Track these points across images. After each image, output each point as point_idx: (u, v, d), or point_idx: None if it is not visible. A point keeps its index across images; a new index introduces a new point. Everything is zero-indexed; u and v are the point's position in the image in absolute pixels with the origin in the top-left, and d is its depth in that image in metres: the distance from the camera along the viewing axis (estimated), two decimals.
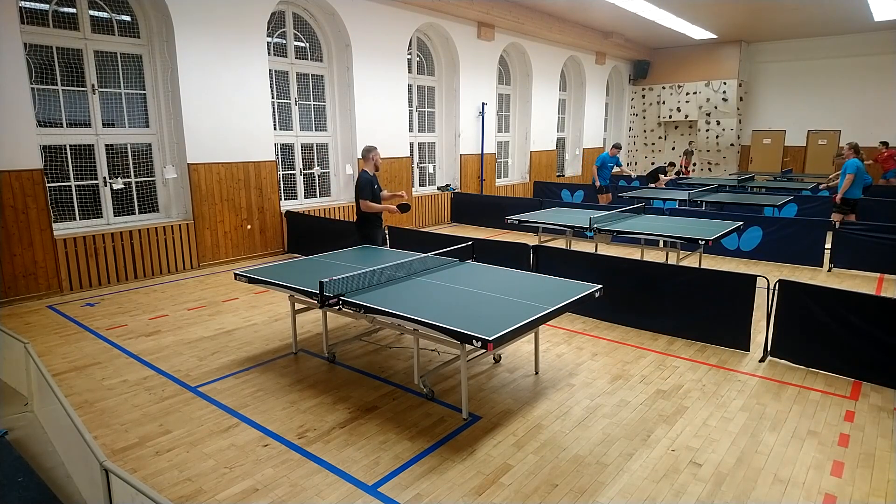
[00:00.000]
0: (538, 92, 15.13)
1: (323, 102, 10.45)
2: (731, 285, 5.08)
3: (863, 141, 16.57)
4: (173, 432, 3.79)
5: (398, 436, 3.70)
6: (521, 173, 15.60)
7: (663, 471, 3.32)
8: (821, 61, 16.94)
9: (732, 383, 4.49)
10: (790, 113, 17.82)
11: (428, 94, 12.72)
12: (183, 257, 8.26)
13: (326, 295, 4.15)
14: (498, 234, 11.00)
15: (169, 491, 3.15)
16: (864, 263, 7.93)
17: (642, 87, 19.89)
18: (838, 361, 4.58)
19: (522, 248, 6.55)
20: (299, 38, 9.93)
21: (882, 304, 4.47)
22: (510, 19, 12.46)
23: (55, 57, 7.17)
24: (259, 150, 8.94)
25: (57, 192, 7.37)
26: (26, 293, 6.80)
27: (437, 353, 5.01)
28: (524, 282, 4.62)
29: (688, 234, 6.58)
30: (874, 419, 3.92)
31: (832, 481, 3.23)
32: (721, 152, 18.74)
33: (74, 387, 4.49)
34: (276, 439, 3.68)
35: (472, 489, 3.15)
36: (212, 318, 6.19)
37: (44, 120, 7.15)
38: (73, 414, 2.81)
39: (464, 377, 3.90)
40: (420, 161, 12.80)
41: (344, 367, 4.83)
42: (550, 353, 5.10)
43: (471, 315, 3.76)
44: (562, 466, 3.36)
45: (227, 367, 4.84)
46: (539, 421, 3.89)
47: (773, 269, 8.09)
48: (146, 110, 8.11)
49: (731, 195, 11.22)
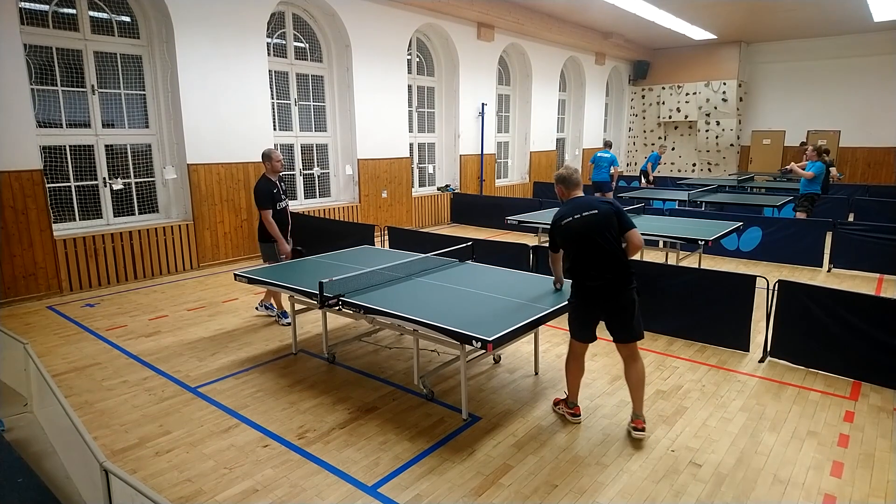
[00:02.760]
0: (538, 92, 15.14)
1: (323, 103, 10.46)
2: (731, 286, 5.08)
3: (863, 141, 16.66)
4: (173, 433, 3.79)
5: (398, 436, 3.70)
6: (520, 174, 15.60)
7: (663, 471, 3.32)
8: (820, 62, 16.94)
9: (732, 384, 4.49)
10: (790, 113, 17.82)
11: (428, 95, 12.73)
12: (183, 258, 8.26)
13: (326, 295, 4.15)
14: (498, 234, 11.00)
15: (169, 491, 3.15)
16: (864, 264, 7.93)
17: (642, 88, 19.89)
18: (838, 362, 4.58)
19: (522, 249, 6.56)
20: (299, 39, 9.94)
21: (882, 304, 4.48)
22: (510, 20, 12.47)
23: (55, 57, 7.17)
24: (259, 150, 8.85)
25: (57, 192, 7.37)
26: (26, 294, 6.80)
27: (437, 353, 5.01)
28: (524, 282, 4.62)
29: (687, 235, 6.59)
30: (874, 419, 3.92)
31: (832, 482, 3.23)
32: (721, 153, 18.75)
33: (74, 387, 4.49)
34: (276, 440, 3.68)
35: (471, 490, 3.15)
36: (212, 318, 6.19)
37: (43, 120, 7.15)
38: (73, 414, 2.81)
39: (463, 378, 3.90)
40: (420, 161, 12.81)
41: (344, 367, 4.83)
42: (550, 354, 5.10)
43: (470, 316, 3.77)
44: (561, 467, 3.36)
45: (227, 368, 4.84)
46: (539, 421, 3.89)
47: (772, 270, 8.09)
48: (146, 111, 8.11)
49: (731, 195, 11.24)
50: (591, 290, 3.58)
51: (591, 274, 3.54)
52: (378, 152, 10.99)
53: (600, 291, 3.56)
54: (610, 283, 3.53)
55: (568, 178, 3.78)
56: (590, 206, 3.61)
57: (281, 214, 5.80)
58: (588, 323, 3.71)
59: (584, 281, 3.58)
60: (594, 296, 3.59)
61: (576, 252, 3.61)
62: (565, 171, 3.80)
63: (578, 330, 3.76)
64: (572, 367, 3.86)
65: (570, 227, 3.60)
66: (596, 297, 3.60)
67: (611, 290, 3.55)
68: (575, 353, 3.84)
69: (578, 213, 3.59)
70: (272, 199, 5.66)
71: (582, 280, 3.60)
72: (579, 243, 3.58)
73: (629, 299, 3.56)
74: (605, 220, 3.55)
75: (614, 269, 3.53)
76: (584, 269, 3.58)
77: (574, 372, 3.86)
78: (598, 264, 3.53)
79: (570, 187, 3.78)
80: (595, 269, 3.53)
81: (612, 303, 3.58)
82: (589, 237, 3.54)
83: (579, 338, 3.77)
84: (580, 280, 3.62)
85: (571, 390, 3.91)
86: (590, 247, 3.54)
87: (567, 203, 3.72)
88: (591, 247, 3.54)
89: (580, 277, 3.61)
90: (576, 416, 3.90)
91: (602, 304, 3.61)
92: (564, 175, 3.81)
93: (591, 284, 3.55)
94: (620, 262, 3.54)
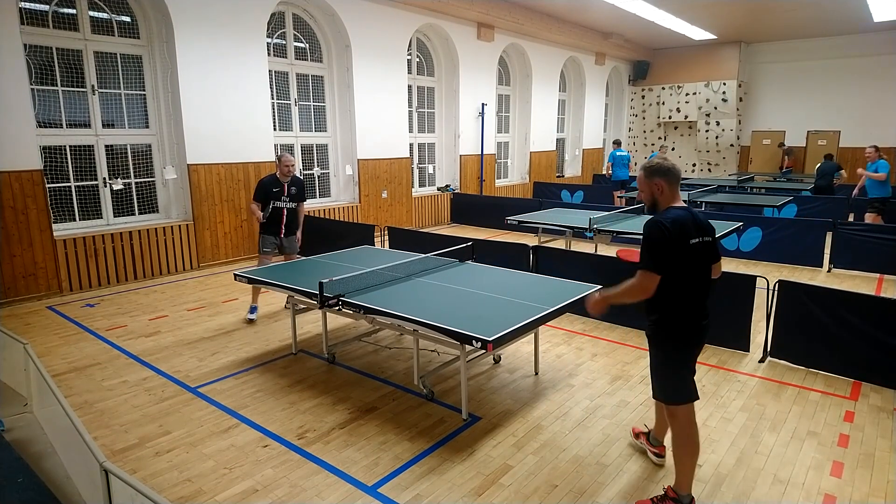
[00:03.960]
0: (538, 92, 15.14)
1: (323, 103, 10.46)
2: (731, 286, 5.07)
3: (863, 141, 16.64)
4: (173, 433, 3.79)
5: (398, 436, 3.70)
6: (520, 174, 15.60)
7: (663, 471, 3.31)
8: (820, 62, 16.94)
9: (732, 384, 4.49)
10: (790, 113, 17.82)
11: (428, 95, 12.73)
12: (183, 258, 8.26)
13: (326, 295, 4.15)
14: (498, 234, 11.00)
15: (169, 492, 3.15)
16: (864, 264, 7.93)
17: (642, 88, 19.89)
18: (838, 362, 4.58)
19: (522, 249, 6.55)
20: (299, 39, 9.94)
21: (882, 304, 4.48)
22: (510, 20, 12.47)
23: (55, 58, 7.17)
24: (259, 150, 8.94)
25: (57, 192, 7.37)
26: (26, 294, 6.80)
27: (437, 353, 5.01)
28: (524, 282, 4.62)
29: None
30: (874, 419, 3.92)
31: (832, 482, 3.23)
32: (721, 153, 18.75)
33: (74, 387, 4.49)
34: (276, 440, 3.68)
35: (471, 490, 3.15)
36: (211, 318, 6.19)
37: (44, 120, 7.15)
38: (73, 414, 2.81)
39: (463, 378, 3.90)
40: (420, 162, 12.81)
41: (344, 367, 4.83)
42: (550, 354, 5.10)
43: (470, 316, 3.77)
44: (561, 467, 3.36)
45: (227, 368, 4.84)
46: (539, 421, 3.89)
47: (772, 270, 8.09)
48: (146, 111, 8.11)
49: (731, 195, 11.24)
50: (703, 330, 2.87)
51: (704, 312, 2.86)
52: (378, 152, 10.99)
53: (707, 331, 2.90)
54: (708, 321, 2.92)
55: (673, 171, 2.83)
56: (707, 228, 2.84)
57: (274, 213, 6.09)
58: (693, 371, 2.96)
59: (699, 320, 2.84)
60: (703, 336, 2.89)
61: (691, 282, 2.79)
62: (665, 161, 2.85)
63: (688, 385, 2.87)
64: (691, 441, 2.86)
65: (696, 251, 2.75)
66: (703, 338, 2.90)
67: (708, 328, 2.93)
68: (690, 420, 2.86)
69: (700, 237, 2.77)
70: (266, 196, 6.04)
71: (696, 319, 2.83)
72: (699, 272, 2.82)
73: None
74: (715, 246, 2.89)
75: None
76: (699, 305, 2.84)
77: (693, 446, 2.87)
78: (705, 299, 2.88)
79: (674, 183, 2.83)
80: (705, 305, 2.87)
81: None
82: (707, 267, 2.85)
83: (692, 395, 2.87)
84: (693, 319, 2.83)
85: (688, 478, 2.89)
86: (705, 278, 2.85)
87: (678, 212, 2.76)
88: (705, 278, 2.86)
89: (693, 316, 2.82)
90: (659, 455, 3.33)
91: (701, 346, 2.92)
92: (667, 167, 2.82)
93: (705, 323, 2.87)
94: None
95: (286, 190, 6.08)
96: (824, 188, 11.73)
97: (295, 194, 6.17)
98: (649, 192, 2.86)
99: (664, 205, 2.84)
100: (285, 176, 6.06)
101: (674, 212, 2.76)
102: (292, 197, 6.15)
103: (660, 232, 2.68)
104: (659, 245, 2.68)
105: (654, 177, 2.81)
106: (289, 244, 6.25)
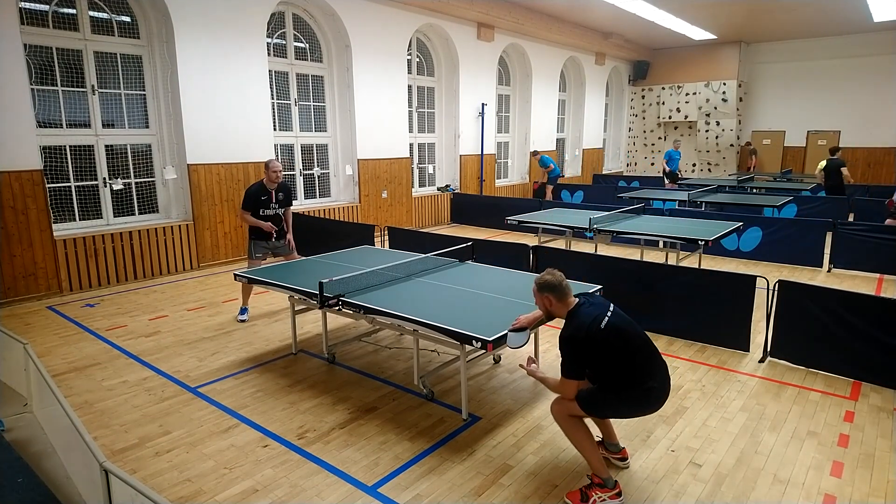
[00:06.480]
0: (538, 92, 15.14)
1: (323, 103, 10.46)
2: (731, 286, 5.08)
3: (863, 141, 16.66)
4: (173, 433, 3.79)
5: (398, 436, 3.70)
6: (520, 174, 15.60)
7: (663, 471, 3.31)
8: (820, 62, 16.95)
9: (732, 384, 4.49)
10: (790, 113, 17.83)
11: (428, 95, 12.73)
12: (183, 258, 8.26)
13: (326, 295, 4.15)
14: (498, 234, 11.00)
15: (169, 492, 3.15)
16: (864, 264, 7.92)
17: (642, 88, 19.90)
18: (838, 362, 4.58)
19: (522, 249, 6.55)
20: (299, 39, 9.94)
21: (882, 304, 4.47)
22: (510, 20, 12.47)
23: (55, 58, 7.17)
24: (259, 150, 8.94)
25: (57, 192, 7.37)
26: (26, 294, 6.80)
27: (437, 353, 5.01)
28: (524, 282, 4.62)
29: (687, 235, 6.59)
30: (874, 419, 3.92)
31: (832, 482, 3.23)
32: (721, 153, 18.75)
33: (74, 387, 4.49)
34: (276, 440, 3.68)
35: (471, 490, 3.15)
36: (211, 318, 6.19)
37: (43, 120, 7.15)
38: (73, 414, 2.81)
39: (463, 378, 3.90)
40: (420, 162, 12.81)
41: (344, 367, 4.83)
42: (550, 354, 5.10)
43: (470, 316, 3.77)
44: (561, 467, 3.36)
45: (227, 368, 4.84)
46: (539, 421, 3.89)
47: (772, 270, 8.09)
48: (146, 111, 8.11)
49: (731, 195, 11.24)
50: (658, 393, 2.92)
51: (655, 374, 2.91)
52: (378, 152, 10.99)
53: (665, 391, 2.95)
54: (667, 377, 2.98)
55: (559, 287, 2.97)
56: (604, 301, 3.02)
57: (263, 220, 6.07)
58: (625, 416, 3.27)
59: (650, 383, 2.89)
60: (662, 397, 2.95)
61: (629, 355, 2.87)
62: (553, 277, 2.99)
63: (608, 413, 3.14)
64: (578, 427, 3.02)
65: (615, 328, 2.85)
66: (662, 399, 2.95)
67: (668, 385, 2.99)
68: (570, 413, 3.02)
69: (607, 309, 2.92)
70: (254, 204, 6.02)
71: (648, 383, 2.88)
72: (632, 342, 2.89)
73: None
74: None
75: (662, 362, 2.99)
76: (648, 371, 2.90)
77: (583, 431, 3.03)
78: (656, 359, 2.95)
79: (564, 295, 2.98)
80: (656, 367, 2.93)
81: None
82: (636, 332, 2.94)
83: (602, 416, 3.22)
84: (643, 384, 2.88)
85: (598, 464, 3.01)
86: (643, 343, 2.93)
87: (583, 306, 2.95)
88: (643, 342, 2.93)
89: (642, 381, 2.88)
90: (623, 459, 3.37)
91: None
92: (554, 283, 2.98)
93: (654, 385, 2.90)
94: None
95: (274, 197, 6.10)
96: (836, 188, 11.43)
97: (283, 200, 6.21)
98: (542, 304, 3.08)
99: (560, 313, 3.03)
100: (273, 183, 6.05)
101: (575, 319, 2.92)
102: (280, 203, 6.18)
103: (570, 344, 2.88)
104: (574, 347, 2.88)
105: (543, 292, 3.03)
106: (280, 247, 6.27)
